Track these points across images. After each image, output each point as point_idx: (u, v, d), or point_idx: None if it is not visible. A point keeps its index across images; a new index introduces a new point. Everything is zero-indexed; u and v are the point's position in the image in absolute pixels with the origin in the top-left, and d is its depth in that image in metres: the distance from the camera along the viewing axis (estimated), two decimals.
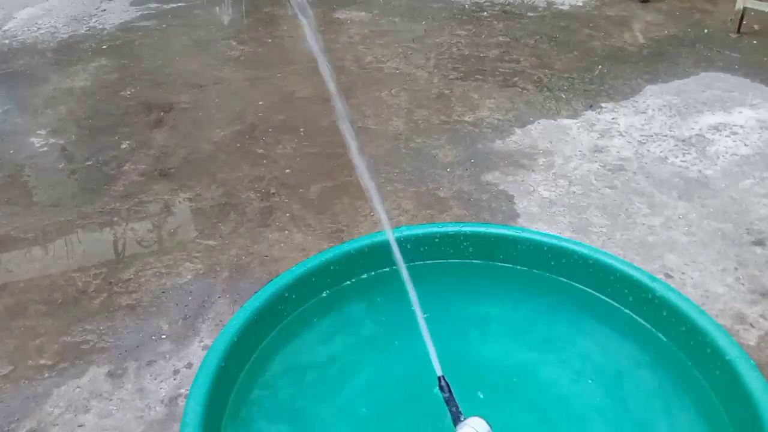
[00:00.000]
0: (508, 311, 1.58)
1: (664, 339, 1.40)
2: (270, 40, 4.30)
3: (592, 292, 1.52)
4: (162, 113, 3.38)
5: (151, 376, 1.88)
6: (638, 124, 3.12)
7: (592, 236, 2.37)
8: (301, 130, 3.17)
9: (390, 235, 1.32)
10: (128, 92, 3.62)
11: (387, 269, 1.56)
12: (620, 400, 1.35)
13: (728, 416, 1.24)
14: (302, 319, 1.51)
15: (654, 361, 1.40)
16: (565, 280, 1.56)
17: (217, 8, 4.80)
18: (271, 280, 1.52)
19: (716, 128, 3.05)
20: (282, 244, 2.39)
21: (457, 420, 1.18)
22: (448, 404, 1.20)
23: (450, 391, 1.21)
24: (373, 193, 1.29)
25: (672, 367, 1.37)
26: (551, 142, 2.99)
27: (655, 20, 4.37)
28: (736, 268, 2.20)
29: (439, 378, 1.23)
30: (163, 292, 2.19)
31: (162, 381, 1.86)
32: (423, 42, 4.14)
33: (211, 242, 2.42)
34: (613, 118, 3.18)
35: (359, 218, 2.51)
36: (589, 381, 1.39)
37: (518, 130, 3.10)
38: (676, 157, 2.85)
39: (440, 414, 1.23)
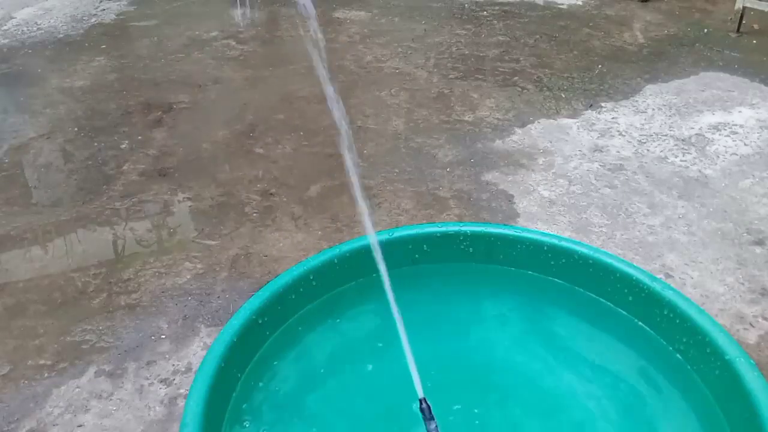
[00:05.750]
0: (507, 313, 1.57)
1: (663, 339, 1.40)
2: (270, 40, 4.30)
3: (592, 292, 1.52)
4: (161, 113, 3.38)
5: (150, 376, 1.88)
6: (638, 123, 3.12)
7: (592, 236, 2.37)
8: (301, 129, 3.17)
9: (373, 240, 1.31)
10: (127, 92, 3.62)
11: (390, 271, 1.56)
12: (618, 400, 1.35)
13: (725, 416, 1.24)
14: (303, 319, 1.51)
15: (653, 362, 1.40)
16: (563, 280, 1.56)
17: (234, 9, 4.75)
18: (271, 279, 1.52)
19: (716, 128, 3.05)
20: (281, 244, 2.39)
21: None
22: (428, 427, 1.18)
23: (431, 414, 1.18)
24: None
25: (670, 367, 1.37)
26: (551, 142, 2.99)
27: (655, 20, 4.36)
28: (736, 268, 2.20)
29: (420, 401, 1.20)
30: (163, 292, 2.19)
31: (161, 381, 1.86)
32: (423, 41, 4.13)
33: (211, 242, 2.42)
34: (612, 118, 3.18)
35: (358, 218, 2.51)
36: (588, 382, 1.39)
37: (518, 130, 3.10)
38: (676, 156, 2.85)
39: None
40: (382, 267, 1.22)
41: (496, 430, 1.29)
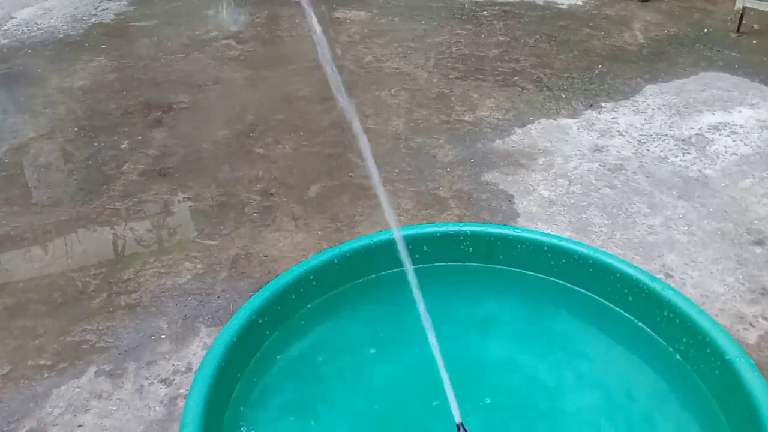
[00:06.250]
0: (507, 313, 1.57)
1: (663, 339, 1.40)
2: (270, 40, 4.30)
3: (592, 292, 1.52)
4: (161, 113, 3.38)
5: (150, 376, 1.88)
6: (638, 123, 3.12)
7: (592, 236, 2.37)
8: (301, 129, 3.17)
9: (397, 235, 1.30)
10: (127, 92, 3.62)
11: (390, 271, 1.56)
12: (618, 400, 1.35)
13: (725, 416, 1.24)
14: (303, 319, 1.51)
15: (653, 362, 1.40)
16: (563, 280, 1.56)
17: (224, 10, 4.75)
18: (271, 279, 1.52)
19: (716, 128, 3.05)
20: (281, 244, 2.39)
21: None
22: None
23: None
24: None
25: (670, 367, 1.37)
26: (551, 142, 2.99)
27: (655, 20, 4.36)
28: (736, 268, 2.20)
29: (457, 426, 1.19)
30: (163, 292, 2.19)
31: (161, 381, 1.86)
32: (423, 41, 4.13)
33: (211, 242, 2.42)
34: (612, 118, 3.18)
35: (358, 218, 2.51)
36: (587, 382, 1.39)
37: (518, 130, 3.10)
38: (676, 156, 2.85)
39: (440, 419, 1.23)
40: (408, 265, 1.20)
41: (495, 429, 1.28)
